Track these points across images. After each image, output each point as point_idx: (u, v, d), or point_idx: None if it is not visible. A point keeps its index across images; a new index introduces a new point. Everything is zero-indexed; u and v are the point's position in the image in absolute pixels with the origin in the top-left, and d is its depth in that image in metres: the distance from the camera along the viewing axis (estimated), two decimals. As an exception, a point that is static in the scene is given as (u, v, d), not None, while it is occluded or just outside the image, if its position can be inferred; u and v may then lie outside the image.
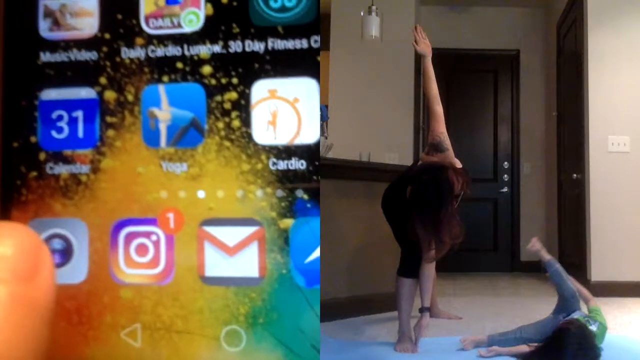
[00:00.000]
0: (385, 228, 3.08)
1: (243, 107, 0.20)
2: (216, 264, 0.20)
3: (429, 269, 2.78)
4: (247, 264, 0.20)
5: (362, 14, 4.57)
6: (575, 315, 2.65)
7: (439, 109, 2.86)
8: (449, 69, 6.45)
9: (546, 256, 2.81)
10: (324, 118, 4.22)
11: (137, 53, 0.20)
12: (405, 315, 2.84)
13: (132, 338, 0.20)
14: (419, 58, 3.05)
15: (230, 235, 0.20)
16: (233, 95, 0.20)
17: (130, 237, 0.21)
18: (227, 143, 0.20)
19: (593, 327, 2.56)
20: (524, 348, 2.56)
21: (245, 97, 0.20)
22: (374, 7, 4.48)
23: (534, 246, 2.84)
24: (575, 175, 4.99)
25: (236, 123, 0.20)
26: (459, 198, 2.69)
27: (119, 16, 0.21)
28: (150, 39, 0.21)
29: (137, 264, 0.21)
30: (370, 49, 5.26)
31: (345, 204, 3.57)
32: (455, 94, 6.53)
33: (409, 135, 5.59)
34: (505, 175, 6.45)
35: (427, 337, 2.78)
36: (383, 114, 5.48)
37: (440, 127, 2.82)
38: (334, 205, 3.47)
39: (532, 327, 2.73)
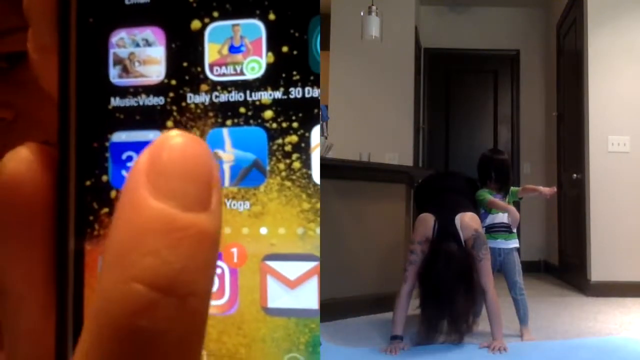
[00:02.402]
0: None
1: (303, 149, 0.21)
2: (278, 296, 0.21)
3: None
4: (307, 297, 0.21)
5: (362, 14, 4.57)
6: None
7: None
8: (449, 69, 6.45)
9: None
10: (324, 118, 4.23)
11: (202, 98, 0.22)
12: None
13: None
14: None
15: (291, 269, 0.21)
16: (294, 138, 0.21)
17: None
18: (288, 183, 0.21)
19: None
20: None
21: (305, 140, 0.21)
22: (374, 7, 4.48)
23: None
24: (575, 175, 4.99)
25: (297, 164, 0.21)
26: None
27: (185, 64, 0.22)
28: (214, 85, 0.22)
29: None
30: (370, 49, 5.26)
31: (345, 204, 3.57)
32: (455, 94, 6.53)
33: (409, 135, 5.59)
34: (505, 175, 6.45)
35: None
36: (383, 114, 5.48)
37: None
38: (334, 205, 3.47)
39: None
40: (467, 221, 2.87)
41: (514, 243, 3.16)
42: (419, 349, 2.80)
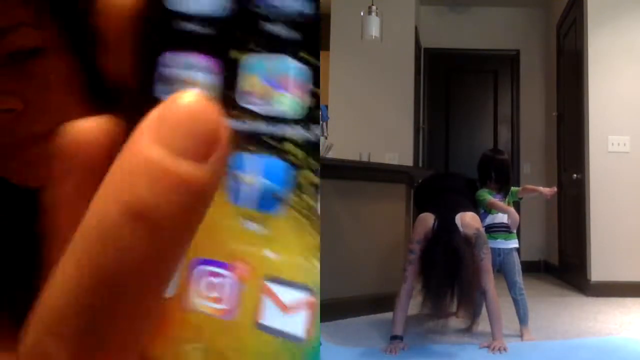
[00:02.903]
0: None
1: (316, 186, 0.23)
2: (271, 316, 0.23)
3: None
4: (297, 324, 0.23)
5: (362, 14, 4.57)
6: None
7: None
8: (449, 69, 6.45)
9: None
10: (324, 118, 4.23)
11: (230, 123, 0.23)
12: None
13: (190, 355, 0.23)
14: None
15: (288, 295, 0.23)
16: (307, 173, 0.23)
17: (203, 273, 0.24)
18: (298, 215, 0.23)
19: None
20: None
21: (315, 175, 0.23)
22: (374, 7, 4.48)
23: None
24: (575, 175, 4.99)
25: (307, 198, 0.23)
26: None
27: (221, 90, 0.24)
28: (243, 113, 0.24)
29: (206, 297, 0.24)
30: (370, 49, 5.26)
31: (345, 204, 3.57)
32: (455, 94, 6.53)
33: (409, 135, 5.59)
34: (505, 175, 6.45)
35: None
36: (383, 114, 5.48)
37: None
38: (334, 205, 3.47)
39: None
40: (468, 220, 2.87)
41: (514, 243, 3.16)
42: (419, 348, 2.81)
